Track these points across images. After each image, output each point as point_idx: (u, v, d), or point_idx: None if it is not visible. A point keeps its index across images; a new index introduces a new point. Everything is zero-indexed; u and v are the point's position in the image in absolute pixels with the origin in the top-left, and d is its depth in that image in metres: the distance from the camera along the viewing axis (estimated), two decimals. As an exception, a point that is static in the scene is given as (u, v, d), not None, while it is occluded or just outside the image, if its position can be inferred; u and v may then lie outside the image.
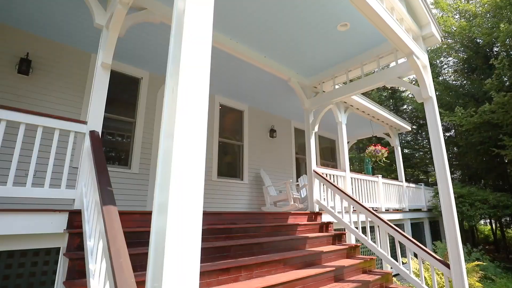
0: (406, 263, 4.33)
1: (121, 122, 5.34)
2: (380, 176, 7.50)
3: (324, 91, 5.79)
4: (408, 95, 19.16)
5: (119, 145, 5.33)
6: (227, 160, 7.07)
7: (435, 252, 7.98)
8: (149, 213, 3.22)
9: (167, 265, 0.97)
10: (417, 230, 9.20)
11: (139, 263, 2.49)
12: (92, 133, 2.91)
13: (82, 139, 3.01)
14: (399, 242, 4.12)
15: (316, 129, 5.74)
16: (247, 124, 7.46)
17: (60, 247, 2.66)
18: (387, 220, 7.21)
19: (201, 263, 2.81)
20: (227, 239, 3.45)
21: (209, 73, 1.24)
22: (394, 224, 7.72)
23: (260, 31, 4.41)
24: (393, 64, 4.71)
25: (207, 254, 2.93)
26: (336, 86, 5.58)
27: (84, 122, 2.99)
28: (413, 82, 14.24)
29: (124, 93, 5.48)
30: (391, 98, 19.81)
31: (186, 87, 1.14)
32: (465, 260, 5.04)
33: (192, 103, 1.13)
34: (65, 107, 4.57)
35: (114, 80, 5.35)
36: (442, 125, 3.99)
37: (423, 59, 4.07)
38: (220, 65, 5.60)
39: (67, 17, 4.17)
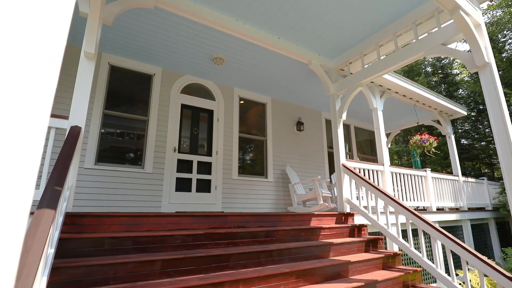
0: (462, 275, 3.43)
1: (133, 120, 5.18)
2: (428, 169, 6.40)
3: (352, 73, 5.01)
4: (463, 78, 16.82)
5: (131, 144, 5.19)
6: (249, 157, 6.61)
7: (505, 261, 6.60)
8: (140, 216, 2.88)
9: None
10: (480, 233, 7.77)
11: (112, 274, 2.13)
12: (73, 129, 2.66)
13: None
14: (452, 251, 3.24)
15: (344, 117, 4.99)
16: (271, 117, 6.91)
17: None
18: (439, 221, 6.14)
19: (189, 275, 2.37)
20: (229, 245, 2.98)
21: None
22: (449, 226, 6.57)
23: (267, 7, 3.86)
24: (435, 30, 3.80)
25: (199, 265, 2.49)
26: (366, 67, 4.77)
27: (66, 117, 2.75)
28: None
29: (136, 91, 5.32)
30: (442, 83, 17.60)
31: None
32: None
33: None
34: (76, 107, 4.51)
35: (125, 78, 5.25)
36: (508, 109, 3.03)
37: (474, 16, 3.16)
38: (233, 54, 5.15)
39: (74, 17, 4.06)
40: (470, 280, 3.30)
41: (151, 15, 4.09)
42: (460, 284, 3.20)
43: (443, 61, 17.96)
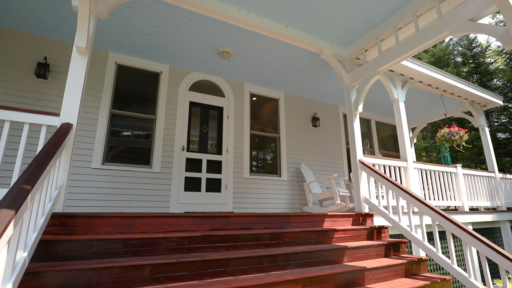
0: (501, 286, 2.96)
1: (141, 119, 5.10)
2: (459, 165, 5.82)
3: (368, 62, 4.61)
4: (498, 66, 15.51)
5: (139, 144, 5.10)
6: (261, 155, 6.36)
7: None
8: (134, 217, 2.72)
9: None
10: (521, 235, 6.98)
11: (96, 279, 1.97)
12: (62, 126, 2.54)
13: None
14: (487, 257, 2.80)
15: (360, 109, 4.61)
16: (284, 113, 6.62)
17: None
18: (473, 222, 5.52)
19: (181, 282, 2.14)
20: (229, 249, 2.74)
21: None
22: (485, 228, 5.92)
23: (270, -8, 3.60)
24: (461, 5, 3.35)
25: (193, 270, 2.27)
26: (383, 53, 4.35)
27: (57, 115, 2.65)
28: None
29: (143, 90, 5.24)
30: (474, 74, 16.36)
31: None
32: None
33: None
34: (84, 107, 4.47)
35: (133, 77, 5.18)
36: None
37: (510, -17, 2.70)
38: (240, 47, 4.93)
39: (76, 16, 4.03)
40: (510, 291, 2.85)
41: (154, 10, 3.95)
42: (498, 295, 2.77)
43: (474, 50, 16.71)
